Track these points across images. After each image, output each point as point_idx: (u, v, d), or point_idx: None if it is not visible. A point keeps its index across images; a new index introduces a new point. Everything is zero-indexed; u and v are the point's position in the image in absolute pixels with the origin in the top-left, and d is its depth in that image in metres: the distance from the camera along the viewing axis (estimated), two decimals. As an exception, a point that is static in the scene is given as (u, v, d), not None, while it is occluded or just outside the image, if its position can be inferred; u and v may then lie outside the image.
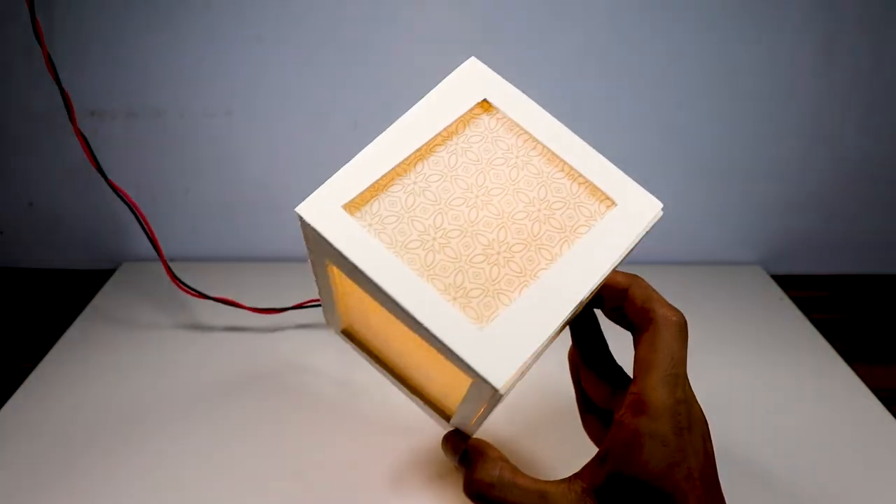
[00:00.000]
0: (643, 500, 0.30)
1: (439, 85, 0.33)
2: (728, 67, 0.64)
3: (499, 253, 0.30)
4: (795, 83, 0.65)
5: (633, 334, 0.35)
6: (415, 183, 0.30)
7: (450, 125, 0.32)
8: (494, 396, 0.28)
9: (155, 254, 0.73)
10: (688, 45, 0.63)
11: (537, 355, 0.31)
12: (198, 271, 0.69)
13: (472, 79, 0.33)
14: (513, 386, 0.28)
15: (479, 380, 0.27)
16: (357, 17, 0.61)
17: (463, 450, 0.36)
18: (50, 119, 0.65)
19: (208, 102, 0.64)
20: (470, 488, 0.34)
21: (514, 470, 0.34)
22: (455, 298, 0.28)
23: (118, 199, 0.70)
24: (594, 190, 0.31)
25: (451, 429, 0.38)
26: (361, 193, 0.30)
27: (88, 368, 0.54)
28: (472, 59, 0.34)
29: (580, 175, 0.31)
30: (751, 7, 0.61)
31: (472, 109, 0.33)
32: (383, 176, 0.30)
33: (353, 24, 0.61)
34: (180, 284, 0.56)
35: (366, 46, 0.62)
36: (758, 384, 0.54)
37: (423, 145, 0.31)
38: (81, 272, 0.71)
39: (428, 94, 0.32)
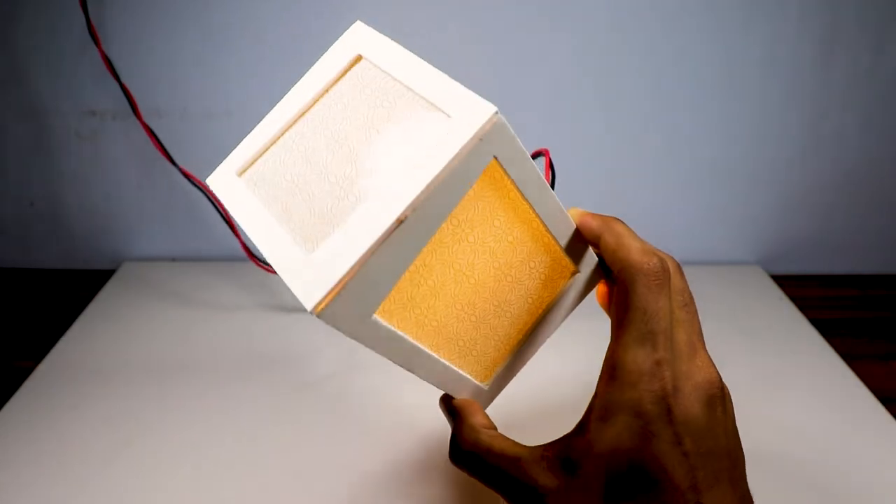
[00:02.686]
0: (616, 476, 0.26)
1: (327, 52, 0.37)
2: (728, 67, 0.64)
3: (342, 187, 0.31)
4: (795, 83, 0.65)
5: None
6: (292, 140, 0.34)
7: (329, 83, 0.36)
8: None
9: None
10: (688, 45, 0.63)
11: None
12: (197, 271, 0.69)
13: (354, 40, 0.38)
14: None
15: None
16: (358, 18, 0.61)
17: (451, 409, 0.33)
18: (51, 119, 0.65)
19: (208, 102, 0.65)
20: (451, 452, 0.32)
21: (494, 435, 0.31)
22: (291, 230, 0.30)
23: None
24: (431, 107, 0.32)
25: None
26: (251, 159, 0.34)
27: (88, 369, 0.54)
28: (357, 22, 0.38)
29: (423, 98, 0.32)
30: (751, 7, 0.61)
31: (348, 65, 0.36)
32: (270, 140, 0.35)
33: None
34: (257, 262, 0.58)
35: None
36: (756, 384, 0.54)
37: (306, 106, 0.35)
38: (81, 272, 0.71)
39: (318, 61, 0.36)
